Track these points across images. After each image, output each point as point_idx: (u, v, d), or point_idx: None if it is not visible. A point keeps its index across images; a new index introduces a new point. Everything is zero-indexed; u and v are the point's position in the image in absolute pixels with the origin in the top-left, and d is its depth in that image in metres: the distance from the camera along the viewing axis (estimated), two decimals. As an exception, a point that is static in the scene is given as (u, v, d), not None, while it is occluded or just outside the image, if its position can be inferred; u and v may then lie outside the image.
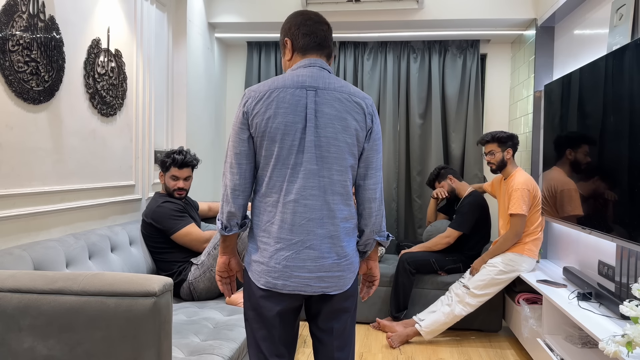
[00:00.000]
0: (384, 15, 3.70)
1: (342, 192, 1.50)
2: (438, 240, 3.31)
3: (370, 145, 1.54)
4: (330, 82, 1.51)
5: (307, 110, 1.47)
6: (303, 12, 1.63)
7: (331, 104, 1.48)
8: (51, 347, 1.26)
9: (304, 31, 1.57)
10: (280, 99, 1.46)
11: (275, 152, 1.46)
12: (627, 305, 1.68)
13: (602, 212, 2.33)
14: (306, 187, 1.46)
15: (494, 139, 3.10)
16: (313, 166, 1.46)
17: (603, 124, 2.31)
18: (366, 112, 1.52)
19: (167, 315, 1.29)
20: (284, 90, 1.47)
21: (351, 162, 1.51)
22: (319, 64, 1.54)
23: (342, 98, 1.50)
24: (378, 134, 1.56)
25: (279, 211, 1.47)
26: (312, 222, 1.46)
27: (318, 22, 1.59)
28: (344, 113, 1.49)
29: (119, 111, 2.79)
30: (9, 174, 1.99)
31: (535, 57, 3.49)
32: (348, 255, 1.52)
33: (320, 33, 1.57)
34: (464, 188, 3.42)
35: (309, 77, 1.50)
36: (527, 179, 2.94)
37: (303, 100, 1.47)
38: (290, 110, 1.46)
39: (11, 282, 1.30)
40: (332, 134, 1.47)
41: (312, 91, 1.48)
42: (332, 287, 1.50)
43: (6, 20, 1.95)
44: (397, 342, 3.02)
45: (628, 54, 2.10)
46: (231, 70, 4.40)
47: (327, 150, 1.47)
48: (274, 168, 1.48)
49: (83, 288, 1.26)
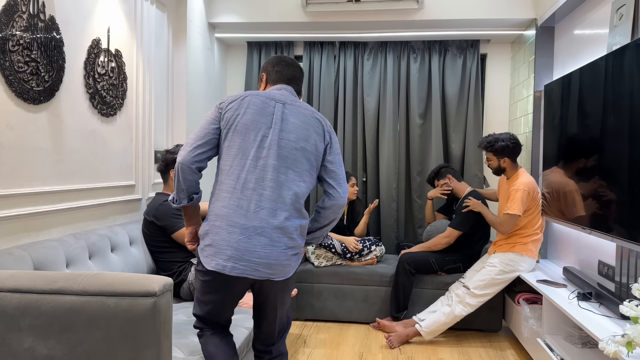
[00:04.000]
0: (384, 15, 3.70)
1: (297, 191, 1.65)
2: (438, 241, 3.31)
3: (332, 158, 1.75)
4: (296, 102, 1.76)
5: (274, 115, 1.68)
6: (280, 57, 1.89)
7: (296, 115, 1.70)
8: (51, 347, 1.26)
9: (278, 69, 1.85)
10: (252, 102, 1.68)
11: (238, 144, 1.64)
12: (627, 305, 1.68)
13: (602, 212, 2.33)
14: (265, 179, 1.61)
15: (489, 148, 3.07)
16: (273, 161, 1.63)
17: (603, 124, 2.31)
18: (325, 129, 1.75)
19: (167, 315, 1.29)
20: (256, 96, 1.71)
21: (307, 167, 1.68)
22: (289, 89, 1.80)
23: (306, 113, 1.73)
24: (337, 148, 1.78)
25: (235, 197, 1.61)
26: (266, 210, 1.59)
27: (291, 65, 1.87)
28: (306, 124, 1.70)
29: (119, 111, 2.79)
30: (9, 174, 1.99)
31: (535, 57, 3.49)
32: (295, 246, 1.66)
33: (291, 73, 1.85)
34: (462, 188, 3.42)
35: (279, 95, 1.75)
36: (529, 181, 2.94)
37: (271, 108, 1.69)
38: (258, 112, 1.67)
39: (11, 282, 1.30)
40: (294, 138, 1.66)
41: (280, 104, 1.71)
42: (278, 274, 1.63)
43: (6, 20, 1.95)
44: (396, 342, 3.02)
45: (628, 54, 2.10)
46: (231, 70, 4.40)
47: (288, 151, 1.65)
48: (234, 158, 1.64)
49: (83, 288, 1.27)
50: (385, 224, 4.08)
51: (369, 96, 4.09)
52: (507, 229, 2.93)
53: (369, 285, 3.40)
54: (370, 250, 3.53)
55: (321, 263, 3.47)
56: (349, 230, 3.68)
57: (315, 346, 3.01)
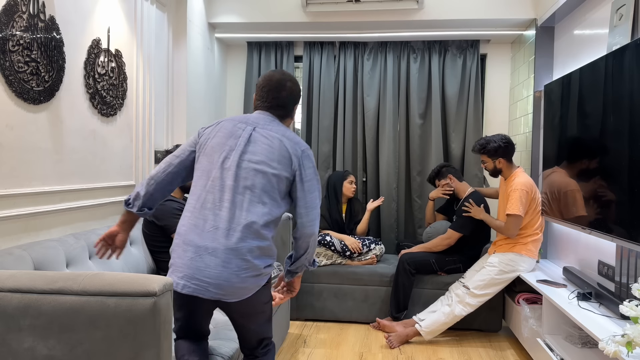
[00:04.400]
0: (384, 15, 3.70)
1: (255, 213, 1.61)
2: (439, 242, 3.30)
3: (301, 185, 1.70)
4: (269, 125, 1.73)
5: (240, 138, 1.68)
6: (268, 79, 1.80)
7: (264, 138, 1.69)
8: (51, 347, 1.26)
9: (261, 94, 1.80)
10: (224, 127, 1.72)
11: (203, 165, 1.68)
12: (627, 305, 1.68)
13: (602, 212, 2.33)
14: (222, 199, 1.61)
15: (482, 150, 3.08)
16: (231, 182, 1.62)
17: (603, 124, 2.31)
18: (293, 154, 1.70)
19: (167, 315, 1.29)
20: (230, 121, 1.74)
21: (269, 189, 1.64)
22: (266, 115, 1.77)
23: (274, 136, 1.70)
24: (309, 176, 1.72)
25: (194, 216, 1.62)
26: (220, 230, 1.57)
27: (277, 88, 1.78)
28: (272, 148, 1.67)
29: (119, 111, 2.79)
30: (9, 174, 1.99)
31: (535, 57, 3.49)
32: (250, 267, 1.59)
33: (274, 99, 1.78)
34: (464, 188, 3.42)
35: (253, 118, 1.75)
36: (527, 180, 2.94)
37: (240, 131, 1.70)
38: (226, 135, 1.69)
39: (11, 282, 1.30)
40: (256, 160, 1.65)
41: (250, 127, 1.71)
42: (230, 295, 1.58)
43: (6, 21, 1.95)
44: (396, 342, 3.02)
45: (628, 54, 2.10)
46: (231, 70, 4.40)
47: (247, 172, 1.63)
48: (199, 178, 1.68)
49: (83, 288, 1.27)
50: (385, 224, 4.08)
51: (369, 96, 4.09)
52: (513, 231, 2.91)
53: (369, 285, 3.40)
54: (370, 249, 3.53)
55: (321, 261, 3.47)
56: (348, 229, 3.69)
57: (315, 346, 3.02)
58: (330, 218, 3.64)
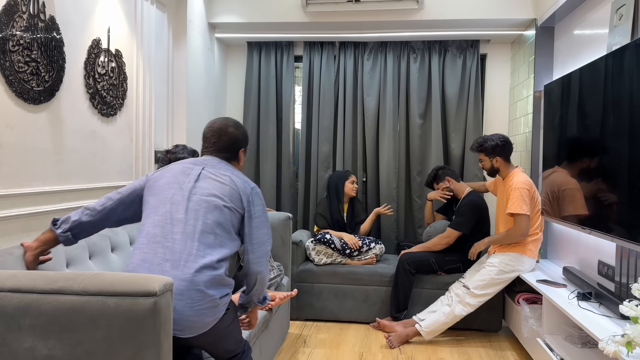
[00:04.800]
0: (384, 15, 3.71)
1: (209, 243, 1.60)
2: (438, 241, 3.31)
3: (250, 222, 1.71)
4: (220, 166, 1.77)
5: (190, 175, 1.71)
6: (211, 125, 1.86)
7: (213, 176, 1.71)
8: (52, 347, 1.26)
9: (203, 142, 1.87)
10: (173, 168, 1.75)
11: (152, 203, 1.68)
12: (627, 305, 1.68)
13: (602, 212, 2.33)
14: (173, 232, 1.59)
15: (480, 148, 3.08)
16: (181, 215, 1.62)
17: (603, 124, 2.31)
18: (242, 193, 1.72)
19: (168, 315, 1.29)
20: (180, 164, 1.77)
21: (222, 220, 1.64)
22: (214, 157, 1.81)
23: (225, 174, 1.73)
24: (258, 212, 1.74)
25: (142, 252, 1.59)
26: (170, 263, 1.55)
27: (217, 134, 1.83)
28: (224, 184, 1.70)
29: (119, 111, 2.79)
30: (9, 174, 1.99)
31: (535, 57, 3.49)
32: (206, 299, 1.54)
33: (215, 145, 1.83)
34: (462, 188, 3.42)
35: (202, 160, 1.80)
36: (526, 179, 2.93)
37: (189, 170, 1.73)
38: (175, 174, 1.72)
39: (12, 282, 1.30)
40: (206, 194, 1.66)
41: (199, 167, 1.75)
42: (186, 330, 1.53)
43: (6, 20, 1.95)
44: (396, 342, 3.02)
45: (628, 54, 2.10)
46: (231, 70, 4.40)
47: (198, 205, 1.64)
48: (147, 217, 1.66)
49: (83, 288, 1.27)
50: (385, 224, 4.08)
51: (369, 96, 4.09)
52: (525, 230, 2.86)
53: (369, 285, 3.40)
54: (370, 248, 3.53)
55: (321, 260, 3.47)
56: (350, 229, 3.69)
57: (315, 346, 3.02)
58: (331, 218, 3.64)
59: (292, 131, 4.30)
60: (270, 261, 2.63)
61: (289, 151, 4.23)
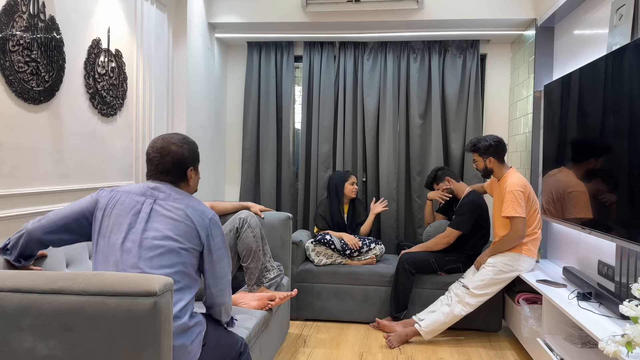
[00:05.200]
0: (384, 15, 3.71)
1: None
2: (438, 240, 3.31)
3: (210, 257, 1.61)
4: (172, 196, 1.62)
5: (140, 213, 1.57)
6: (153, 144, 1.68)
7: (166, 212, 1.57)
8: (52, 347, 1.26)
9: (147, 164, 1.70)
10: (121, 202, 1.60)
11: (101, 248, 1.56)
12: (627, 305, 1.68)
13: (602, 212, 2.33)
14: None
15: (473, 148, 3.09)
16: (134, 260, 1.51)
17: (603, 124, 2.32)
18: (200, 228, 1.59)
19: (168, 315, 1.29)
20: (126, 195, 1.62)
21: (179, 260, 1.54)
22: (161, 184, 1.65)
23: (180, 208, 1.58)
24: (218, 245, 1.63)
25: None
26: None
27: (159, 155, 1.66)
28: (179, 222, 1.56)
29: (119, 111, 2.80)
30: (9, 174, 1.99)
31: (535, 57, 3.49)
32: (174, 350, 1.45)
33: (157, 167, 1.66)
34: (462, 188, 3.42)
35: (151, 189, 1.63)
36: (519, 181, 2.91)
37: (139, 205, 1.58)
38: (124, 212, 1.57)
39: (12, 282, 1.30)
40: (160, 237, 1.53)
41: (150, 199, 1.60)
42: None
43: (6, 20, 1.95)
44: (396, 342, 3.02)
45: (628, 54, 2.10)
46: (231, 70, 4.40)
47: (152, 250, 1.51)
48: (97, 263, 1.56)
49: (83, 288, 1.27)
50: (385, 224, 4.08)
51: (369, 96, 4.09)
52: (522, 233, 2.87)
53: (369, 285, 3.40)
54: (370, 248, 3.53)
55: (321, 260, 3.47)
56: (350, 230, 3.69)
57: (315, 346, 3.02)
58: (331, 220, 3.64)
59: (292, 131, 4.30)
60: (270, 261, 2.63)
61: (289, 151, 4.23)
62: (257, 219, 2.58)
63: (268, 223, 2.95)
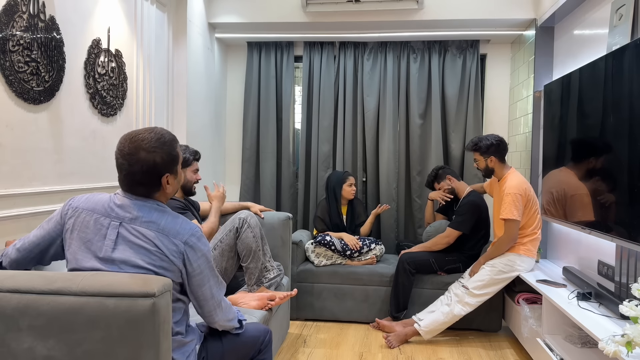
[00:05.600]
0: (384, 15, 3.71)
1: None
2: (438, 240, 3.31)
3: (191, 280, 1.44)
4: (141, 217, 1.40)
5: (106, 239, 1.39)
6: (120, 149, 1.43)
7: (134, 239, 1.39)
8: (51, 348, 1.26)
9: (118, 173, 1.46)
10: (85, 223, 1.42)
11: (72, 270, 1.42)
12: (627, 305, 1.68)
13: (601, 212, 2.33)
14: None
15: (474, 147, 3.08)
16: None
17: (603, 124, 2.31)
18: (174, 256, 1.40)
19: (167, 316, 1.29)
20: (90, 214, 1.43)
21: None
22: (131, 198, 1.44)
23: (150, 235, 1.39)
24: (198, 269, 1.44)
25: None
26: None
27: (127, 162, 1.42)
28: (149, 250, 1.38)
29: (119, 111, 2.80)
30: (9, 174, 2.00)
31: (535, 57, 3.49)
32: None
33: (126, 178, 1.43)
34: (463, 188, 3.42)
35: (118, 206, 1.43)
36: (519, 182, 2.91)
37: (105, 229, 1.40)
38: (88, 237, 1.41)
39: (10, 283, 1.30)
40: (130, 266, 1.38)
41: (116, 222, 1.41)
42: None
43: (6, 21, 1.95)
44: (396, 342, 3.02)
45: (628, 54, 2.10)
46: (231, 70, 4.40)
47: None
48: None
49: (82, 289, 1.27)
50: (385, 224, 4.08)
51: (369, 96, 4.09)
52: (514, 235, 2.89)
53: (369, 285, 3.40)
54: (370, 249, 3.53)
55: (321, 262, 3.47)
56: (350, 230, 3.68)
57: (315, 346, 3.02)
58: (330, 221, 3.63)
59: (292, 131, 4.30)
60: (270, 261, 2.63)
61: (289, 151, 4.23)
62: (257, 219, 2.58)
63: (268, 223, 2.95)
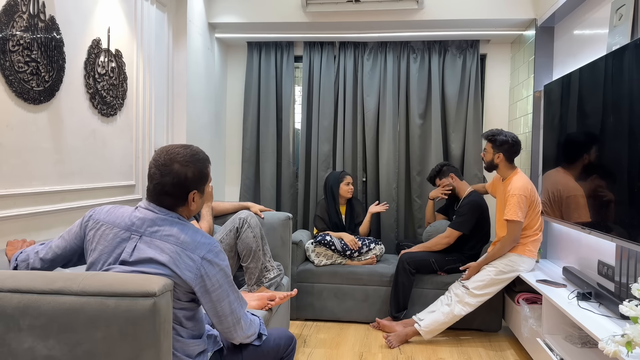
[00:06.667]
0: (384, 15, 3.71)
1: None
2: (438, 240, 3.31)
3: (209, 297, 1.42)
4: (161, 231, 1.41)
5: (123, 253, 1.41)
6: (156, 158, 1.47)
7: (151, 254, 1.39)
8: (51, 347, 1.26)
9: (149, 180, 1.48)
10: (105, 236, 1.45)
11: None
12: (627, 305, 1.68)
13: (601, 212, 2.33)
14: None
15: (490, 138, 3.08)
16: None
17: (602, 124, 2.32)
18: (190, 276, 1.39)
19: (167, 316, 1.29)
20: (111, 228, 1.45)
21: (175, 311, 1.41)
22: (155, 209, 1.45)
23: (167, 249, 1.39)
24: (216, 284, 1.42)
25: None
26: None
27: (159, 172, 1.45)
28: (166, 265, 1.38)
29: (119, 111, 2.80)
30: (9, 174, 1.99)
31: (535, 57, 3.49)
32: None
33: (156, 188, 1.45)
34: (464, 188, 3.42)
35: (139, 219, 1.44)
36: (524, 184, 2.91)
37: (124, 243, 1.42)
38: (106, 250, 1.43)
39: (11, 282, 1.30)
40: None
41: (136, 235, 1.42)
42: None
43: (6, 21, 1.95)
44: (396, 342, 3.02)
45: (628, 54, 2.10)
46: (231, 70, 4.40)
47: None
48: None
49: (83, 288, 1.27)
50: (385, 224, 4.08)
51: (369, 96, 4.09)
52: (516, 237, 2.89)
53: (369, 285, 3.40)
54: (370, 249, 3.53)
55: (321, 262, 3.47)
56: (349, 230, 3.69)
57: (315, 346, 3.02)
58: (329, 221, 3.64)
59: (292, 131, 4.30)
60: (270, 261, 2.63)
61: (289, 151, 4.24)
62: (257, 219, 2.58)
63: (268, 223, 2.95)
